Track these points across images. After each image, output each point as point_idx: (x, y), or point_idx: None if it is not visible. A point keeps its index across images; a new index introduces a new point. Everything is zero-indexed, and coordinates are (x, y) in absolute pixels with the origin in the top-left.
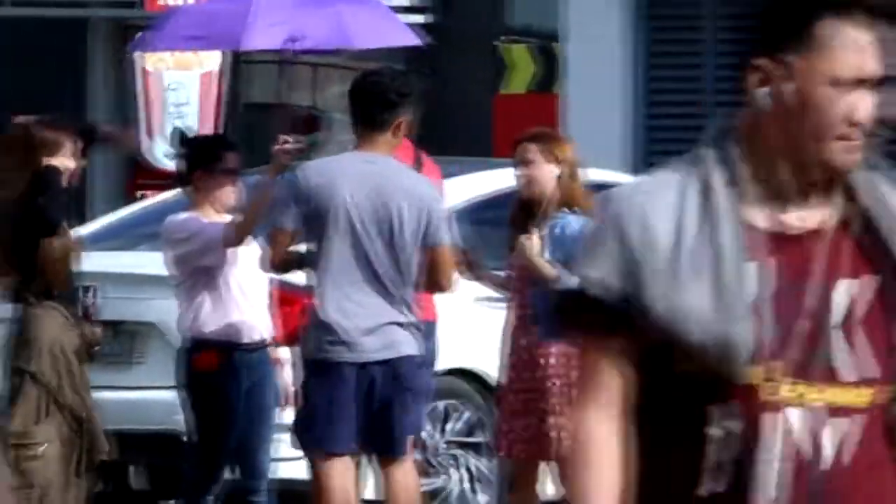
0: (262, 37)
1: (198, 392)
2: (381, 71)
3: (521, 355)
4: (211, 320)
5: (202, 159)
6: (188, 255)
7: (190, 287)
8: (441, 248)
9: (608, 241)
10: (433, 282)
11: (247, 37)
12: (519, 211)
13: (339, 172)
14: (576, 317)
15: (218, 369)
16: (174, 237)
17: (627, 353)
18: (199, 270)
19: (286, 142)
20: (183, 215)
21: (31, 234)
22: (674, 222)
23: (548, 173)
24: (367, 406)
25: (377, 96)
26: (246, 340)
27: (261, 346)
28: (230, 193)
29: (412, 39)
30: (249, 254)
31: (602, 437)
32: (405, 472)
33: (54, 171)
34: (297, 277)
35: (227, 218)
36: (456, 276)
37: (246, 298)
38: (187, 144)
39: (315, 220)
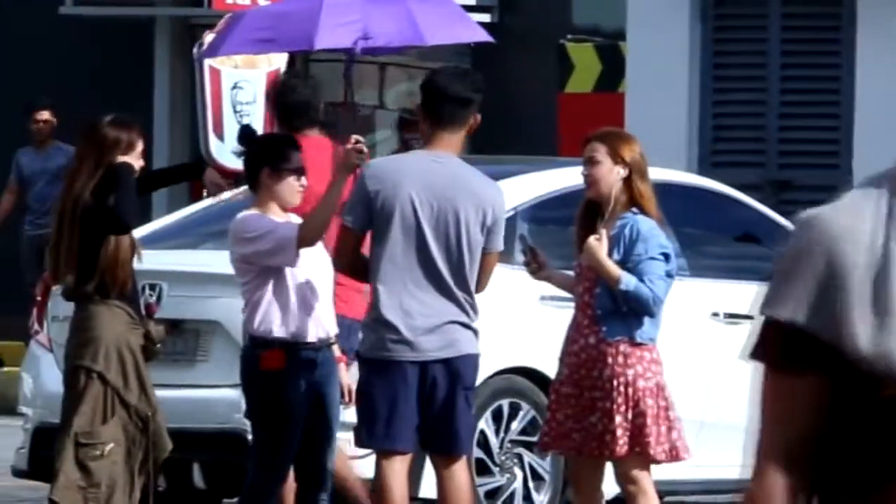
0: (333, 36)
1: (262, 391)
2: (452, 69)
3: (587, 354)
4: (276, 319)
5: (268, 157)
6: (257, 254)
7: (256, 286)
8: (492, 255)
9: (800, 274)
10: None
11: (318, 37)
12: (585, 211)
13: (407, 171)
14: (766, 350)
15: (283, 368)
16: (243, 235)
17: (820, 389)
18: (266, 270)
19: (358, 141)
20: (253, 213)
21: (99, 233)
22: (872, 251)
23: (613, 174)
24: (426, 405)
25: (452, 94)
26: (311, 339)
27: (326, 345)
28: (296, 192)
29: (482, 36)
30: (314, 251)
31: (779, 493)
32: (461, 472)
33: (127, 169)
34: None
35: (293, 217)
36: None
37: (311, 296)
38: (252, 142)
39: (380, 218)
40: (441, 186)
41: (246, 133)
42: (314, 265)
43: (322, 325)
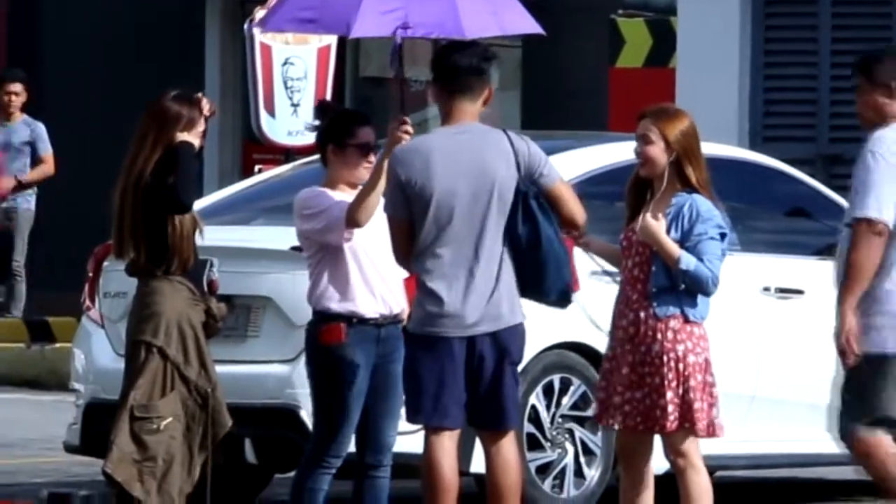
0: (373, 24)
1: (322, 364)
2: (459, 42)
3: (636, 329)
4: (336, 295)
5: (333, 134)
6: (313, 231)
7: (317, 261)
8: (555, 185)
9: None
10: (566, 219)
11: (356, 24)
12: (635, 187)
13: (434, 150)
14: None
15: (344, 342)
16: (302, 212)
17: None
18: (325, 245)
19: (404, 122)
20: (314, 190)
21: (160, 211)
22: None
23: (662, 154)
24: (474, 380)
25: (465, 66)
26: (372, 315)
27: (391, 321)
28: (360, 169)
29: (531, 27)
30: (383, 229)
31: None
32: (509, 447)
33: (188, 148)
34: None
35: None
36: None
37: (373, 273)
38: (325, 118)
39: (418, 200)
40: (470, 157)
41: (321, 107)
42: (380, 243)
43: (386, 301)
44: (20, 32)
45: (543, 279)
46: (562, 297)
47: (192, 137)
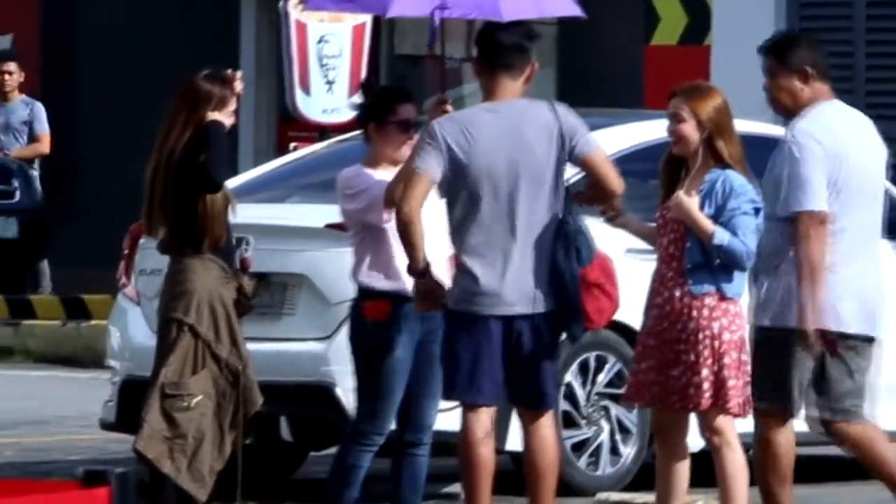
0: (410, 4)
1: (366, 341)
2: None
3: (671, 306)
4: (379, 273)
5: (374, 111)
6: (354, 210)
7: (360, 239)
8: (592, 156)
9: None
10: (603, 192)
11: (393, 5)
12: (669, 165)
13: (474, 125)
14: None
15: (386, 319)
16: (344, 192)
17: None
18: (366, 226)
19: (443, 101)
20: (355, 169)
21: (191, 190)
22: None
23: (695, 132)
24: (512, 359)
25: (507, 44)
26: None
27: None
28: (402, 147)
29: (570, 10)
30: (429, 207)
31: None
32: (547, 426)
33: (218, 127)
34: None
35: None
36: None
37: None
38: (368, 95)
39: (454, 173)
40: (510, 134)
41: (366, 85)
42: (424, 221)
43: None
44: (55, 11)
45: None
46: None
47: (224, 116)
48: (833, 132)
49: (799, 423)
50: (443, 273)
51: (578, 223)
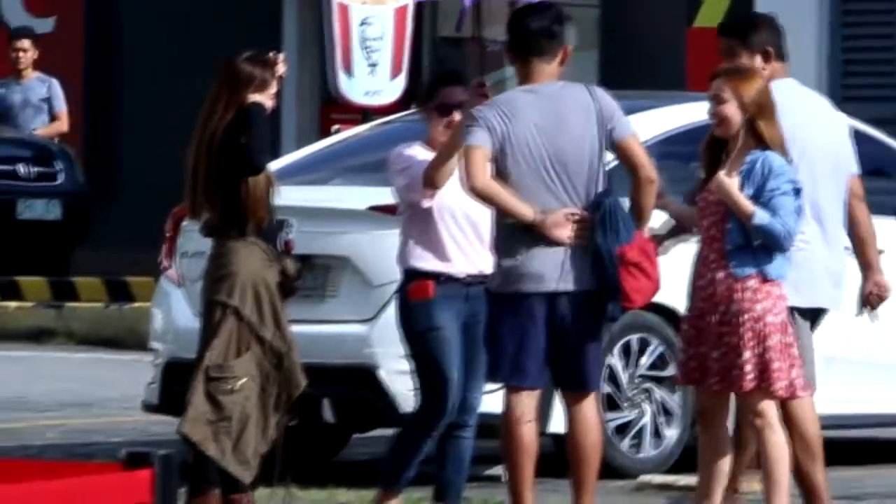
0: None
1: (412, 321)
2: (537, 4)
3: (714, 289)
4: (424, 253)
5: (422, 94)
6: (399, 188)
7: (407, 218)
8: (627, 140)
9: None
10: (636, 176)
11: None
12: (710, 148)
13: (513, 107)
14: None
15: (431, 298)
16: (392, 168)
17: None
18: (412, 204)
19: (482, 84)
20: (404, 146)
21: (233, 172)
22: None
23: (737, 113)
24: (555, 340)
25: (537, 28)
26: (460, 274)
27: (479, 281)
28: (440, 129)
29: None
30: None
31: None
32: (591, 408)
33: (260, 109)
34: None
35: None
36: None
37: (461, 232)
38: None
39: (497, 158)
40: (547, 115)
41: (434, 67)
42: (471, 203)
43: (474, 262)
44: None
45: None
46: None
47: (264, 98)
48: (790, 109)
49: (822, 405)
50: (487, 253)
51: (618, 203)
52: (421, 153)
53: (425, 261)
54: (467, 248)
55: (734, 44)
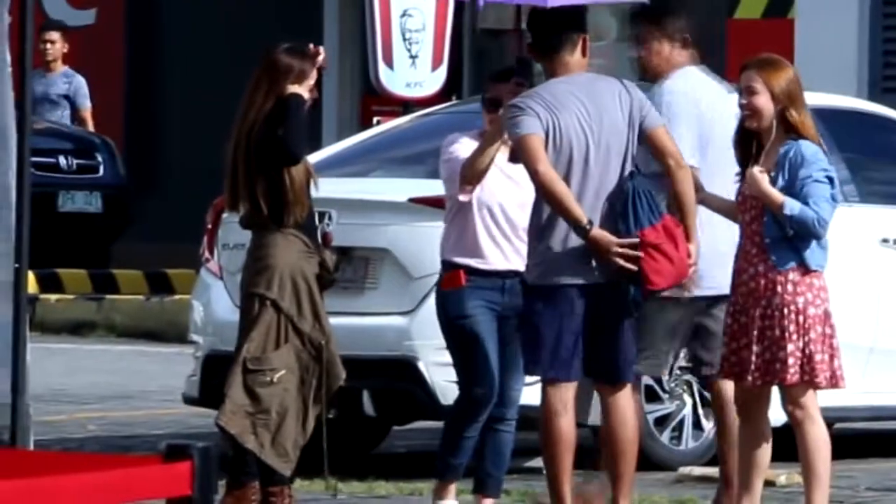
0: None
1: (447, 311)
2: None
3: (756, 282)
4: (461, 246)
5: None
6: (443, 180)
7: (449, 209)
8: (657, 129)
9: None
10: (666, 165)
11: None
12: (742, 140)
13: (553, 95)
14: None
15: (464, 288)
16: (440, 157)
17: None
18: (452, 196)
19: (521, 84)
20: (453, 138)
21: (272, 163)
22: None
23: (769, 104)
24: (592, 331)
25: (547, 27)
26: (497, 267)
27: (513, 275)
28: (486, 122)
29: None
30: (511, 184)
31: None
32: (626, 399)
33: (298, 100)
34: None
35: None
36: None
37: (503, 228)
38: (524, 73)
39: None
40: (588, 102)
41: (521, 62)
42: (512, 198)
43: (509, 258)
44: None
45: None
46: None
47: (303, 90)
48: (700, 94)
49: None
50: (518, 246)
51: (640, 186)
52: (467, 144)
53: (459, 254)
54: (504, 244)
55: (651, 30)
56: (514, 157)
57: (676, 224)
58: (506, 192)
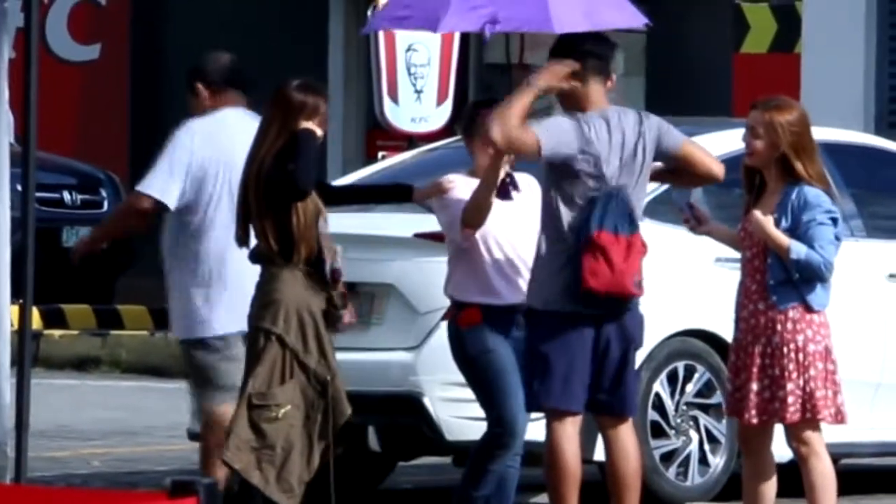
0: (461, 20)
1: (467, 351)
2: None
3: (756, 320)
4: (470, 285)
5: (463, 122)
6: (441, 225)
7: (452, 248)
8: (683, 147)
9: None
10: (702, 177)
11: (443, 21)
12: (746, 178)
13: (600, 130)
14: None
15: (481, 323)
16: (435, 203)
17: None
18: (453, 240)
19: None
20: (452, 179)
21: (281, 198)
22: None
23: (769, 150)
24: (600, 364)
25: (599, 49)
26: (511, 302)
27: (523, 310)
28: (478, 157)
29: (631, 20)
30: (515, 221)
31: None
32: (629, 433)
33: (309, 136)
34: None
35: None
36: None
37: (510, 261)
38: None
39: (586, 176)
40: (621, 139)
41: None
42: (513, 230)
43: (519, 290)
44: (144, 23)
45: None
46: None
47: (315, 125)
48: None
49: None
50: (525, 280)
51: (612, 195)
52: (463, 183)
53: (471, 294)
54: (513, 277)
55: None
56: (504, 194)
57: (643, 246)
58: (507, 225)
